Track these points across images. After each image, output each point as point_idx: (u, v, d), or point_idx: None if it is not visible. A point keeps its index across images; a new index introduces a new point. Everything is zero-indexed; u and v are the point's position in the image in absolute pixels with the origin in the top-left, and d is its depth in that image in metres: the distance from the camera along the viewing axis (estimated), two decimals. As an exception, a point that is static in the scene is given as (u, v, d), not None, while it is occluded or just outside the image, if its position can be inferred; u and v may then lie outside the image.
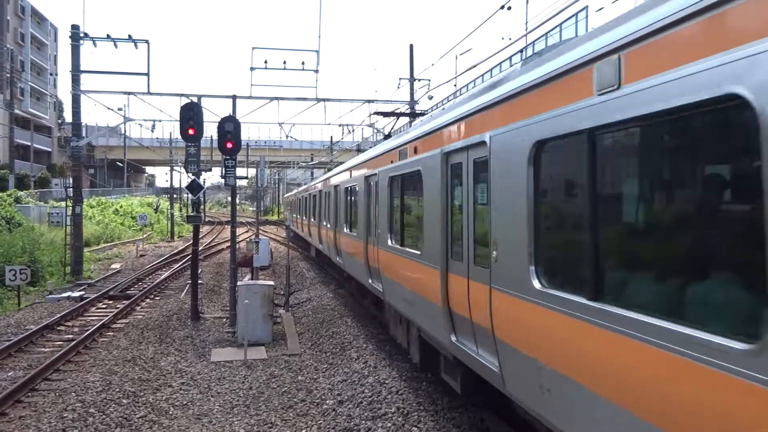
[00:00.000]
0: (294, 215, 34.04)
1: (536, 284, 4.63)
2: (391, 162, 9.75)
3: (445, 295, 6.87)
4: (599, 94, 3.81)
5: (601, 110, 3.75)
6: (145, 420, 8.54)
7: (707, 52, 2.92)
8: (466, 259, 6.24)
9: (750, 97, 2.66)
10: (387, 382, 9.37)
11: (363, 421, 7.98)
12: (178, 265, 27.44)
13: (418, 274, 8.05)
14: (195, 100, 18.44)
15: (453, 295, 6.69)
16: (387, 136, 13.62)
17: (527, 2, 38.61)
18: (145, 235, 44.98)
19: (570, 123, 4.13)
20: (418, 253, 7.94)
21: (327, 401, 9.10)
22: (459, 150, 6.49)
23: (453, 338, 6.73)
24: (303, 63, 22.56)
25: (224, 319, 15.40)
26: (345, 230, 14.95)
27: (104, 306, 17.59)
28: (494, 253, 5.38)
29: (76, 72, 23.03)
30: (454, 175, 6.78)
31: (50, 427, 8.02)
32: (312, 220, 24.34)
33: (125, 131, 65.63)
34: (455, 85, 38.02)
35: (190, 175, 15.73)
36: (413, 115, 18.12)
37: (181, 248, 36.63)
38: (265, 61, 22.26)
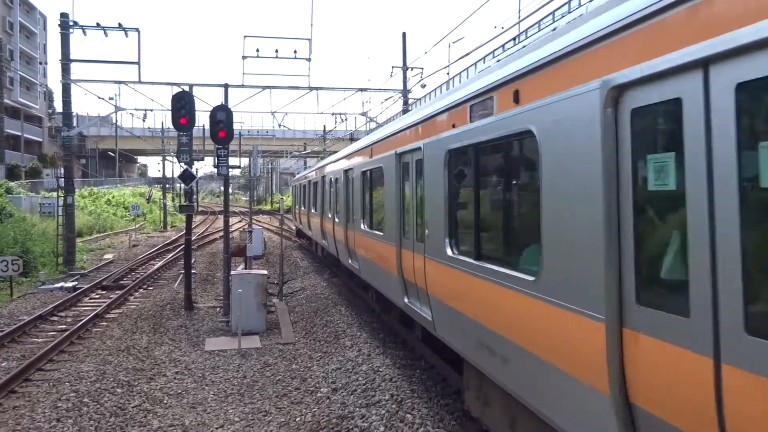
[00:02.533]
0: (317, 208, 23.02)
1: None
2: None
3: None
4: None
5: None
6: (140, 409, 8.56)
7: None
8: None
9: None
10: (381, 369, 9.42)
11: (357, 409, 8.03)
12: (171, 255, 27.39)
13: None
14: (186, 89, 18.33)
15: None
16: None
17: (520, -10, 38.43)
18: (137, 226, 44.81)
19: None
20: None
21: (321, 389, 9.14)
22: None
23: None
24: (295, 51, 22.46)
25: (218, 309, 15.41)
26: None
27: (97, 296, 17.55)
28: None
29: (66, 61, 22.81)
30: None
31: (44, 416, 8.03)
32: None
33: (116, 121, 65.23)
34: (448, 73, 37.91)
35: (182, 164, 15.65)
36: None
37: (174, 238, 36.53)
38: (257, 50, 22.13)
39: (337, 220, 14.95)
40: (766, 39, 2.50)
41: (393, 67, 27.02)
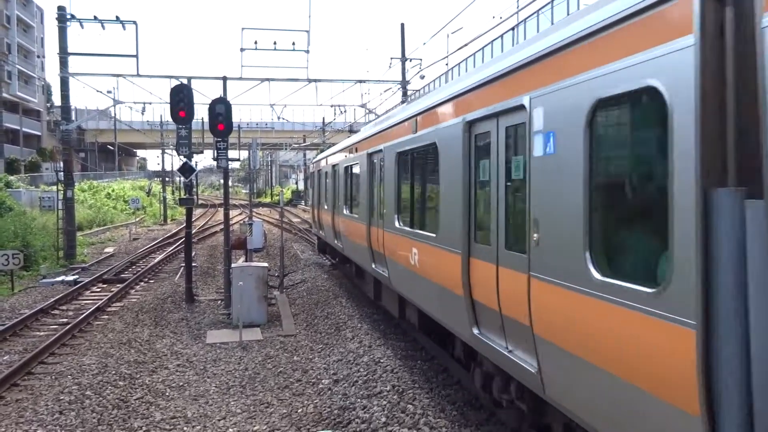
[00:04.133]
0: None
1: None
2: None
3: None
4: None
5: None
6: (142, 401, 8.60)
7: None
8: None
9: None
10: (382, 361, 9.45)
11: (359, 400, 8.06)
12: (171, 248, 27.41)
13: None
14: (185, 81, 18.29)
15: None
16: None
17: (519, -20, 38.25)
18: (137, 219, 44.84)
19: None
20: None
21: (323, 381, 9.18)
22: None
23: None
24: (294, 43, 22.37)
25: (219, 302, 15.43)
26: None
27: (98, 290, 17.58)
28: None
29: (63, 54, 22.73)
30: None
31: (47, 409, 8.07)
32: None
33: (115, 114, 64.99)
34: (447, 64, 37.81)
35: (181, 157, 15.63)
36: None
37: (174, 231, 36.56)
38: (255, 42, 22.05)
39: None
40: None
41: (392, 58, 26.95)
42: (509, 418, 6.62)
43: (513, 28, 35.67)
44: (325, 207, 16.93)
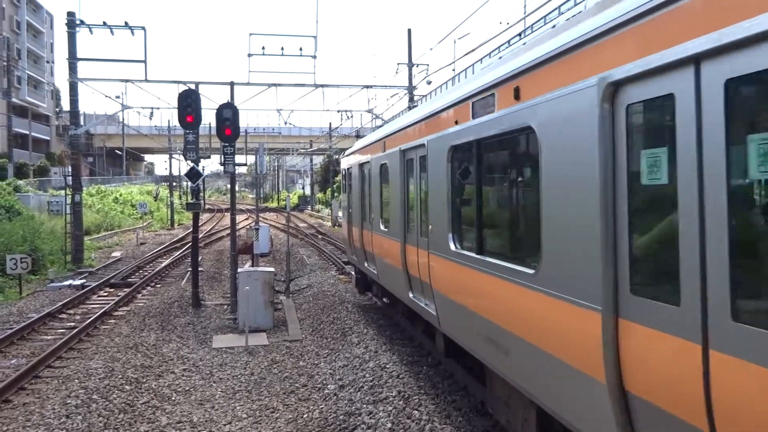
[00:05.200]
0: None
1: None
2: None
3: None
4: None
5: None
6: (148, 406, 8.61)
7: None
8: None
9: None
10: (388, 366, 9.43)
11: (364, 405, 8.05)
12: (178, 252, 27.48)
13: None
14: (193, 87, 18.39)
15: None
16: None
17: (526, -15, 38.27)
18: (145, 223, 44.97)
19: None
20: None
21: (328, 386, 9.16)
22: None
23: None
24: (301, 49, 22.50)
25: (225, 306, 15.46)
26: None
27: (105, 294, 17.64)
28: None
29: (72, 59, 22.91)
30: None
31: (54, 413, 8.08)
32: None
33: (123, 119, 65.44)
34: (453, 69, 37.83)
35: (189, 162, 15.68)
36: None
37: (181, 236, 36.65)
38: (263, 47, 22.20)
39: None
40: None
41: (398, 63, 27.05)
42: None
43: (520, 34, 35.66)
44: (382, 227, 10.54)
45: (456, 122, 6.48)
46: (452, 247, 6.63)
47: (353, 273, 13.01)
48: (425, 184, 7.87)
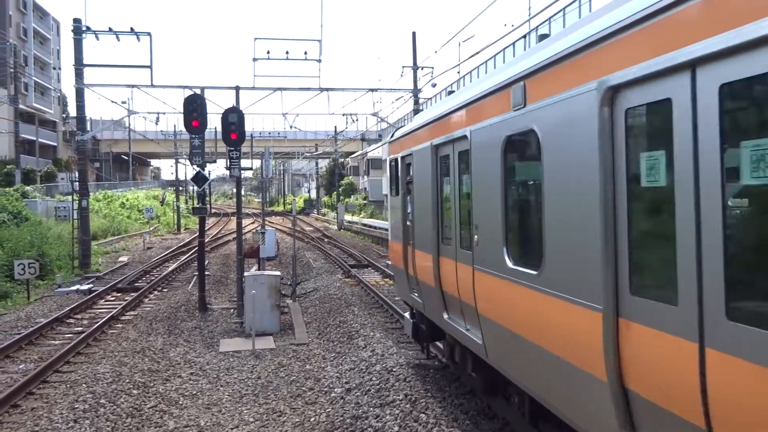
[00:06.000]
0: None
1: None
2: None
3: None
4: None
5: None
6: (156, 410, 8.63)
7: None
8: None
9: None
10: (394, 369, 9.42)
11: (371, 409, 8.04)
12: (185, 257, 27.56)
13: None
14: (198, 92, 18.44)
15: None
16: None
17: (530, -13, 38.25)
18: (151, 228, 45.17)
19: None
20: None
21: (335, 389, 9.16)
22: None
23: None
24: (306, 53, 22.56)
25: (232, 310, 15.48)
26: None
27: (113, 298, 17.71)
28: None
29: (79, 66, 23.05)
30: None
31: (62, 417, 8.10)
32: None
33: (129, 124, 65.62)
34: (458, 72, 37.91)
35: (195, 167, 15.76)
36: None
37: (187, 240, 36.76)
38: (268, 52, 22.26)
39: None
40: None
41: (403, 66, 27.06)
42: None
43: (524, 36, 35.65)
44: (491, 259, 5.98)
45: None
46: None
47: (407, 316, 10.23)
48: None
